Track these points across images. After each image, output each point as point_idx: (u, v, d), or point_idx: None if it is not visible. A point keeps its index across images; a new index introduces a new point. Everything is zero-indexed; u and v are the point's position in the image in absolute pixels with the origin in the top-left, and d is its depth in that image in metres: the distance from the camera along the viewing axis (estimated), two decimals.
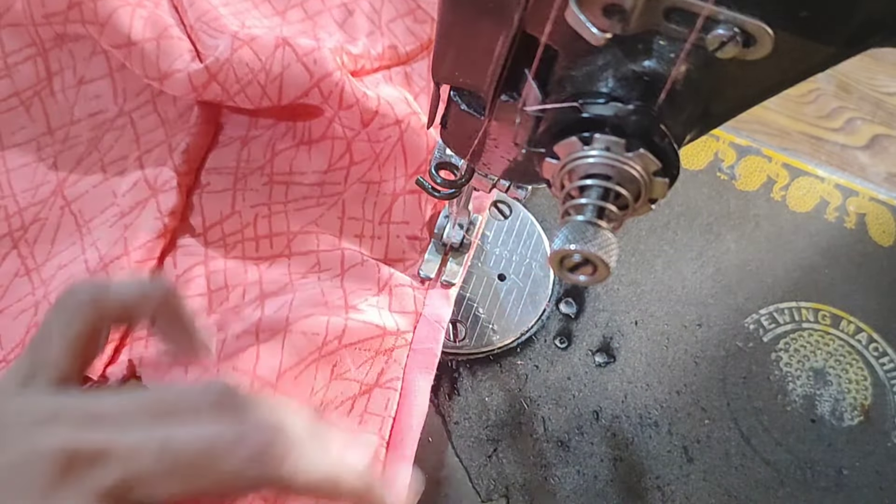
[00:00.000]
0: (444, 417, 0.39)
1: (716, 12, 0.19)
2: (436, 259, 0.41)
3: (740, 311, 0.43)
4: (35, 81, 0.46)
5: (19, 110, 0.45)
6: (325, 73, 0.42)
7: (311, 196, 0.44)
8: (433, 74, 0.28)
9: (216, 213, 0.43)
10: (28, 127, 0.45)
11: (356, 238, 0.42)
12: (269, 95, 0.42)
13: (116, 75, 0.46)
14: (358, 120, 0.43)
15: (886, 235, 0.46)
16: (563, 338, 0.41)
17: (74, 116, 0.45)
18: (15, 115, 0.45)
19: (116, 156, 0.44)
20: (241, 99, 0.42)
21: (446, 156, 0.35)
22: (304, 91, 0.42)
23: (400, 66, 0.48)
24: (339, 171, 0.44)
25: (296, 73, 0.41)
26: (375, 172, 0.44)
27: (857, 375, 0.42)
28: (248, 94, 0.42)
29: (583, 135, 0.22)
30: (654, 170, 0.22)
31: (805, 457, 0.39)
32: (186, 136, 0.43)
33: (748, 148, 0.49)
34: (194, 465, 0.25)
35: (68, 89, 0.46)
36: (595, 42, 0.20)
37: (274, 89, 0.42)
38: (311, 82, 0.42)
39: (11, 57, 0.45)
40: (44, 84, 0.46)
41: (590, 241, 0.22)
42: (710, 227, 0.46)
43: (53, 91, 0.46)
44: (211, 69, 0.41)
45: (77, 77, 0.46)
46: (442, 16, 0.25)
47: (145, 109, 0.45)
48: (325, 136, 0.45)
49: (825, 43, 0.20)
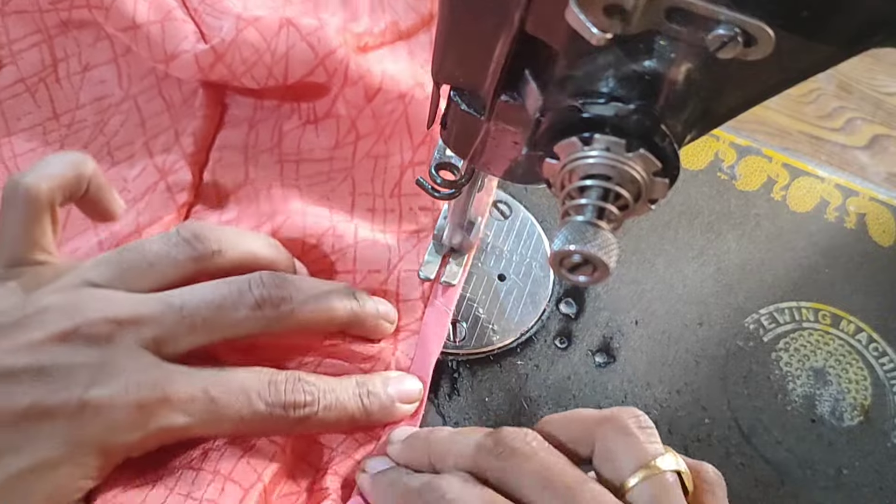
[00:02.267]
0: (444, 417, 0.38)
1: (716, 12, 0.19)
2: (436, 260, 0.41)
3: (741, 310, 0.43)
4: (40, 68, 0.46)
5: (25, 97, 0.46)
6: (329, 50, 0.42)
7: (322, 172, 0.44)
8: (433, 74, 0.28)
9: (229, 183, 0.43)
10: (34, 112, 0.45)
11: (369, 212, 0.43)
12: (275, 75, 0.42)
13: (121, 60, 0.47)
14: (362, 96, 0.43)
15: (886, 235, 0.46)
16: (563, 338, 0.41)
17: (80, 101, 0.46)
18: (21, 102, 0.45)
19: (122, 141, 0.45)
20: (247, 79, 0.43)
21: (446, 156, 0.35)
22: (309, 69, 0.42)
23: (402, 42, 0.48)
24: (347, 146, 0.45)
25: (301, 52, 0.42)
26: (382, 147, 0.44)
27: (857, 375, 0.42)
28: (254, 75, 0.42)
29: (583, 135, 0.22)
30: (655, 170, 0.22)
31: (805, 456, 0.39)
32: (193, 120, 0.44)
33: (748, 148, 0.49)
34: (209, 319, 0.32)
35: (73, 76, 0.46)
36: (595, 42, 0.20)
37: (280, 69, 0.42)
38: (315, 60, 0.42)
39: (17, 44, 0.46)
40: (49, 71, 0.46)
41: (590, 242, 0.22)
42: (711, 227, 0.46)
43: (59, 77, 0.46)
44: (217, 50, 0.42)
45: (82, 64, 0.47)
46: (442, 16, 0.25)
47: (150, 93, 0.46)
48: (329, 113, 0.45)
49: (825, 43, 0.20)
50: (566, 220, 0.23)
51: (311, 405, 0.33)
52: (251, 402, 0.32)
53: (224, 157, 0.44)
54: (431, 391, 0.39)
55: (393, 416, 0.36)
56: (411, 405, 0.37)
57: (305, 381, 0.34)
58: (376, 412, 0.35)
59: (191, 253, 0.34)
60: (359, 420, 0.35)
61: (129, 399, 0.30)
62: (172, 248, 0.34)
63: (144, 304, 0.32)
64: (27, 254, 0.33)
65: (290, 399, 0.33)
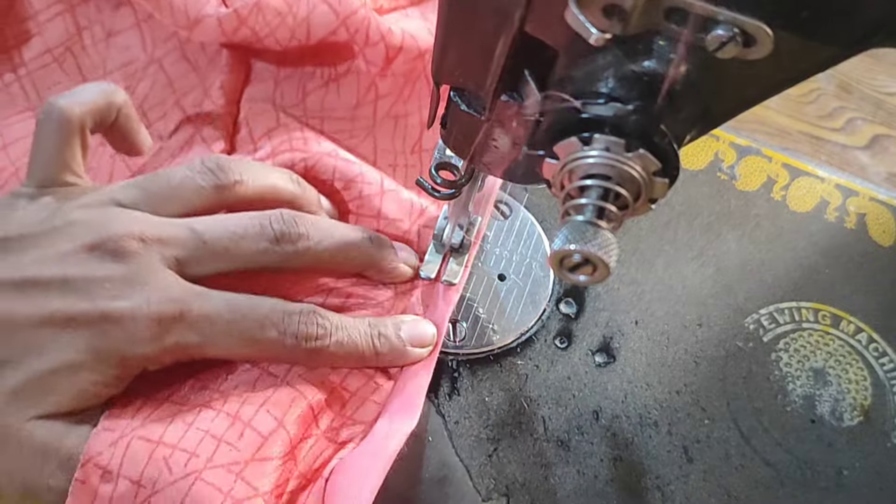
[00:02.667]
0: (444, 417, 0.39)
1: (716, 12, 0.19)
2: (436, 259, 0.41)
3: (740, 310, 0.43)
4: (66, 38, 0.47)
5: (53, 66, 0.47)
6: (351, 10, 0.43)
7: (345, 129, 0.46)
8: (433, 74, 0.28)
9: (263, 128, 0.44)
10: (63, 82, 0.47)
11: (390, 167, 0.45)
12: (298, 36, 0.43)
13: (143, 25, 0.47)
14: (383, 56, 0.44)
15: (886, 235, 0.46)
16: (563, 338, 0.41)
17: (107, 68, 0.47)
18: (49, 72, 0.47)
19: (154, 101, 0.46)
20: (270, 41, 0.43)
21: (446, 156, 0.35)
22: (331, 30, 0.43)
23: (414, 7, 0.49)
24: (368, 105, 0.46)
25: (322, 14, 0.43)
26: (401, 106, 0.46)
27: (857, 375, 0.42)
28: (277, 37, 0.43)
29: (583, 135, 0.22)
30: (654, 170, 0.22)
31: (805, 457, 0.39)
32: (220, 75, 0.45)
33: (748, 148, 0.49)
34: (230, 248, 0.34)
35: (98, 43, 0.47)
36: (594, 42, 0.20)
37: (302, 30, 0.43)
38: (337, 21, 0.43)
39: (41, 15, 0.47)
40: (74, 40, 0.47)
41: (590, 241, 0.22)
42: (711, 227, 0.46)
43: (84, 46, 0.47)
44: (240, 13, 0.42)
45: (106, 31, 0.48)
46: (442, 16, 0.25)
47: (175, 56, 0.47)
48: (349, 71, 0.46)
49: (825, 43, 0.20)
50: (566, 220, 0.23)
51: (323, 338, 0.34)
52: (264, 328, 0.33)
53: (254, 107, 0.45)
54: (431, 391, 0.39)
55: (405, 358, 0.37)
56: (424, 349, 0.37)
57: (319, 314, 0.35)
58: (387, 353, 0.36)
59: (213, 181, 0.35)
60: (368, 359, 0.36)
61: (148, 312, 0.31)
62: (196, 175, 0.35)
63: (170, 226, 0.33)
64: (59, 175, 0.35)
65: (303, 330, 0.34)
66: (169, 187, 0.35)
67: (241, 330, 0.33)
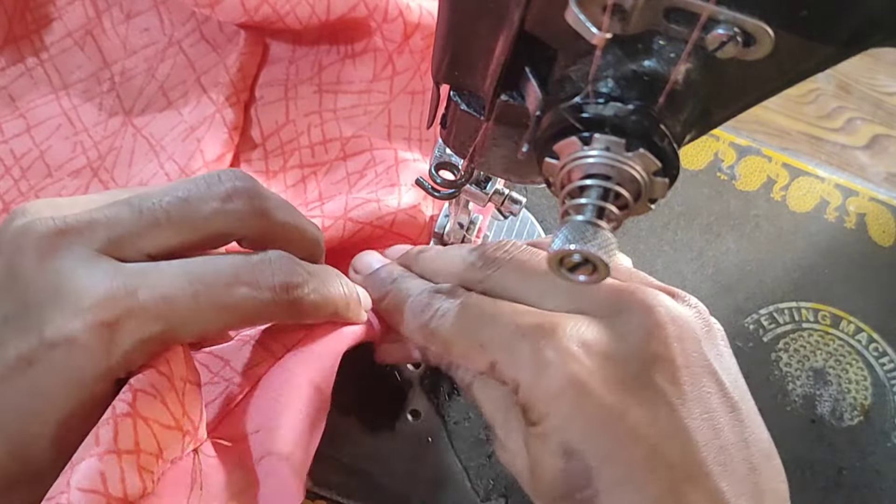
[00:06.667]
0: (444, 417, 0.38)
1: (716, 12, 0.19)
2: None
3: (740, 311, 0.43)
4: (85, 21, 0.48)
5: (74, 50, 0.47)
6: None
7: (359, 105, 0.46)
8: (433, 74, 0.28)
9: (272, 124, 0.45)
10: (85, 65, 0.47)
11: (405, 141, 0.45)
12: (318, 13, 0.44)
13: (161, 7, 0.48)
14: (401, 32, 0.44)
15: (886, 235, 0.46)
16: None
17: (128, 50, 0.48)
18: (71, 55, 0.47)
19: (175, 81, 0.47)
20: (290, 19, 0.44)
21: (446, 156, 0.35)
22: (351, 6, 0.44)
23: None
24: (384, 80, 0.46)
25: None
26: (418, 82, 0.46)
27: (857, 375, 0.42)
28: (297, 14, 0.44)
29: (583, 135, 0.22)
30: (654, 170, 0.22)
31: (805, 457, 0.39)
32: (239, 56, 0.45)
33: (748, 148, 0.49)
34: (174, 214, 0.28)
35: (118, 25, 0.48)
36: (595, 42, 0.20)
37: (322, 7, 0.44)
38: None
39: None
40: (94, 23, 0.48)
41: (590, 241, 0.22)
42: (710, 227, 0.46)
43: (104, 29, 0.48)
44: None
45: (124, 12, 0.48)
46: (442, 16, 0.25)
47: (194, 37, 0.48)
48: (367, 48, 0.47)
49: (825, 43, 0.20)
50: (566, 220, 0.23)
51: (301, 287, 0.29)
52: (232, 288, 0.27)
53: (266, 96, 0.46)
54: (431, 391, 0.38)
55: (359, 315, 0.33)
56: None
57: (290, 258, 0.30)
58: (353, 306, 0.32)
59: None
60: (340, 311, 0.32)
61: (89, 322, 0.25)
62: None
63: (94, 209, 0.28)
64: None
65: (280, 280, 0.29)
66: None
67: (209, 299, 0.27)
